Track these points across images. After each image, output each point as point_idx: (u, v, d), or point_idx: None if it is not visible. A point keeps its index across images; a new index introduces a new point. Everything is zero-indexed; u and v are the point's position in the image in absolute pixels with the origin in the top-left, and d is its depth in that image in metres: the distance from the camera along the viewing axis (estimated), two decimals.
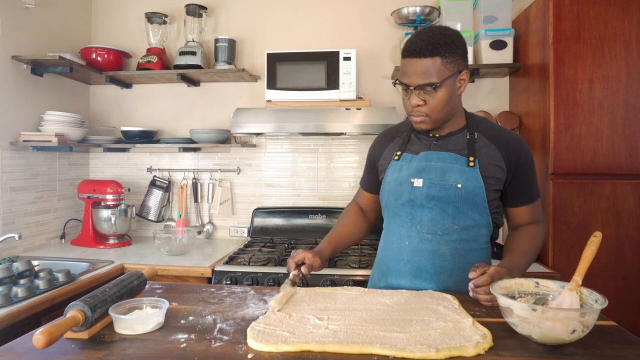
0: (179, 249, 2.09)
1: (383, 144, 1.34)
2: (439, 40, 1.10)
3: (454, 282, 1.17)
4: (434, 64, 1.10)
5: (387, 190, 1.26)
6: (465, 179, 1.15)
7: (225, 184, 2.54)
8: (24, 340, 0.84)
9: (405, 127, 1.32)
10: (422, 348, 0.75)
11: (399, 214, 1.23)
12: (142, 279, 1.05)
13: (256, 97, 2.53)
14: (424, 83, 1.11)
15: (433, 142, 1.23)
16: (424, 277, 1.19)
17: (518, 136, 1.24)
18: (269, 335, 0.81)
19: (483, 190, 1.15)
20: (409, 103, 1.16)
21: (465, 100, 2.40)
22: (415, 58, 1.11)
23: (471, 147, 1.19)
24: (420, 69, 1.10)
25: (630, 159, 1.85)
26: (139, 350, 0.79)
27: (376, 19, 2.46)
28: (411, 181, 1.19)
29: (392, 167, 1.26)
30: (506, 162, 1.18)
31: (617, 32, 1.84)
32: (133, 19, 2.60)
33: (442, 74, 1.11)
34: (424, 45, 1.10)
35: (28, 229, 2.16)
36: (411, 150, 1.25)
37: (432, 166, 1.18)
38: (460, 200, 1.15)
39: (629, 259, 1.84)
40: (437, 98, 1.13)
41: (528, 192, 1.23)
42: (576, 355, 0.75)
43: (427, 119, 1.16)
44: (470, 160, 1.16)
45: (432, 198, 1.17)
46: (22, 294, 1.42)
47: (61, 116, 2.19)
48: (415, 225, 1.19)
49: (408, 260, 1.20)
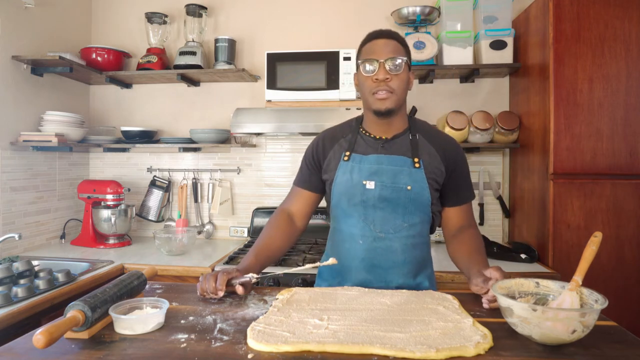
0: (179, 249, 2.09)
1: (327, 145, 1.33)
2: (398, 35, 1.23)
3: (404, 274, 1.24)
4: (399, 48, 1.21)
5: (338, 191, 1.27)
6: (413, 181, 1.21)
7: (225, 184, 2.54)
8: (24, 340, 0.84)
9: (348, 129, 1.34)
10: (422, 348, 0.75)
11: (352, 214, 1.25)
12: (142, 279, 1.05)
13: (256, 97, 2.53)
14: (395, 56, 1.18)
15: (380, 145, 1.26)
16: (378, 272, 1.23)
17: (453, 138, 1.33)
18: (269, 335, 0.81)
19: (428, 191, 1.21)
20: (373, 80, 1.19)
21: (465, 100, 2.41)
22: (385, 39, 1.20)
23: (414, 148, 1.24)
24: (390, 47, 1.19)
25: (630, 159, 1.85)
26: (139, 350, 0.78)
27: (376, 19, 2.46)
28: (363, 183, 1.22)
29: (342, 167, 1.26)
30: (444, 163, 1.24)
31: (617, 32, 1.84)
32: (133, 19, 2.60)
33: (405, 57, 1.21)
34: (389, 31, 1.22)
35: (28, 229, 2.16)
36: (359, 151, 1.27)
37: (383, 169, 1.22)
38: (409, 201, 1.21)
39: (629, 259, 1.84)
40: (401, 77, 1.20)
41: (463, 193, 1.29)
42: (576, 355, 0.75)
43: (392, 95, 1.19)
44: (416, 162, 1.22)
45: (383, 199, 1.21)
46: (22, 294, 1.42)
47: (61, 116, 2.19)
48: (369, 225, 1.23)
49: (363, 259, 1.23)
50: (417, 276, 1.26)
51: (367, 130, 1.30)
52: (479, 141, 2.24)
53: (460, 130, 2.18)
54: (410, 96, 2.44)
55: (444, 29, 2.24)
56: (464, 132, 2.20)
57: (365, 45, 1.23)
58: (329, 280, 1.33)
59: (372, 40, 1.21)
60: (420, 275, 1.27)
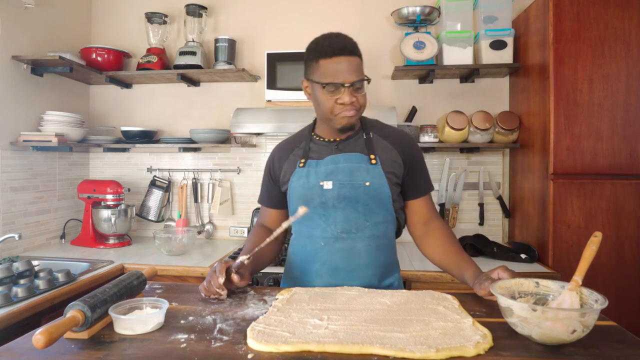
0: (179, 249, 2.09)
1: (282, 157, 1.32)
2: (356, 45, 1.17)
3: (369, 277, 1.21)
4: (360, 63, 1.16)
5: (295, 196, 1.25)
6: (371, 177, 1.19)
7: (225, 184, 2.54)
8: (23, 340, 0.84)
9: (301, 138, 1.33)
10: (422, 348, 0.75)
11: (311, 217, 1.22)
12: (142, 279, 1.05)
13: (256, 97, 2.53)
14: (359, 79, 1.14)
15: (334, 146, 1.25)
16: (341, 275, 1.20)
17: (407, 132, 1.32)
18: (269, 335, 0.81)
19: (387, 187, 1.20)
20: (339, 101, 1.14)
21: (465, 100, 2.41)
22: (348, 56, 1.13)
23: (369, 146, 1.23)
24: (354, 66, 1.13)
25: (630, 159, 1.85)
26: (139, 350, 0.78)
27: (376, 19, 2.46)
28: (321, 184, 1.21)
29: (297, 173, 1.25)
30: (401, 156, 1.24)
31: (617, 32, 1.84)
32: (133, 19, 2.60)
33: (363, 71, 1.18)
34: (350, 44, 1.15)
35: (28, 229, 2.16)
36: (314, 157, 1.26)
37: (339, 168, 1.21)
38: (369, 197, 1.19)
39: (629, 259, 1.84)
40: (363, 94, 1.17)
41: (424, 184, 1.28)
42: (576, 355, 0.75)
43: (357, 113, 1.18)
44: (372, 158, 1.21)
45: (343, 198, 1.19)
46: (22, 294, 1.42)
47: (61, 116, 2.19)
48: (330, 226, 1.21)
49: (325, 261, 1.21)
50: (382, 281, 1.23)
51: (320, 135, 1.29)
52: (479, 141, 2.24)
53: (460, 130, 2.18)
54: (410, 96, 2.46)
55: (444, 29, 2.24)
56: (464, 132, 2.20)
57: (324, 60, 1.13)
58: (289, 283, 1.30)
59: (333, 58, 1.12)
60: (386, 280, 1.24)
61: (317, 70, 1.15)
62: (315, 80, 1.15)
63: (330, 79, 1.12)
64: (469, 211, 2.43)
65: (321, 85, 1.14)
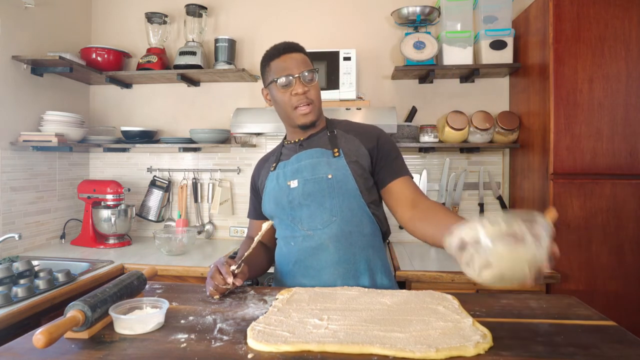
0: (179, 249, 2.09)
1: (260, 168, 1.39)
2: (300, 46, 1.27)
3: (341, 275, 1.17)
4: (307, 59, 1.25)
5: (268, 200, 1.28)
6: (334, 169, 1.20)
7: (225, 184, 2.54)
8: (24, 340, 0.84)
9: (277, 148, 1.39)
10: (422, 348, 0.75)
11: (282, 218, 1.25)
12: (142, 279, 1.05)
13: (256, 97, 2.53)
14: (307, 69, 1.22)
15: (298, 145, 1.29)
16: (312, 274, 1.19)
17: (376, 126, 1.32)
18: (269, 335, 0.81)
19: (352, 177, 1.19)
20: (292, 95, 1.21)
21: (465, 100, 2.40)
22: (294, 52, 1.24)
23: (333, 141, 1.26)
24: (300, 60, 1.23)
25: (630, 159, 1.85)
26: (139, 350, 0.78)
27: (376, 19, 2.46)
28: (288, 184, 1.23)
29: (270, 177, 1.30)
30: (365, 145, 1.24)
31: (617, 32, 1.84)
32: (133, 19, 2.60)
33: (311, 65, 1.26)
34: (294, 44, 1.26)
35: (28, 229, 2.16)
36: (284, 160, 1.31)
37: (303, 165, 1.23)
38: (333, 190, 1.18)
39: (629, 259, 1.84)
40: (315, 87, 1.24)
41: (398, 167, 1.22)
42: (576, 356, 0.75)
43: (313, 107, 1.23)
44: (335, 151, 1.22)
45: (307, 195, 1.20)
46: (22, 294, 1.42)
47: (61, 116, 2.19)
48: (297, 225, 1.22)
49: (296, 261, 1.22)
50: (359, 278, 1.18)
51: (288, 139, 1.35)
52: (479, 141, 2.24)
53: (460, 130, 2.18)
54: (410, 96, 2.46)
55: (444, 29, 2.24)
56: (464, 132, 2.20)
57: (273, 61, 1.24)
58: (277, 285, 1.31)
59: (281, 57, 1.23)
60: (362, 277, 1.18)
61: (270, 72, 1.25)
62: (270, 80, 1.25)
63: (281, 74, 1.21)
64: (469, 211, 2.42)
65: (275, 81, 1.22)
